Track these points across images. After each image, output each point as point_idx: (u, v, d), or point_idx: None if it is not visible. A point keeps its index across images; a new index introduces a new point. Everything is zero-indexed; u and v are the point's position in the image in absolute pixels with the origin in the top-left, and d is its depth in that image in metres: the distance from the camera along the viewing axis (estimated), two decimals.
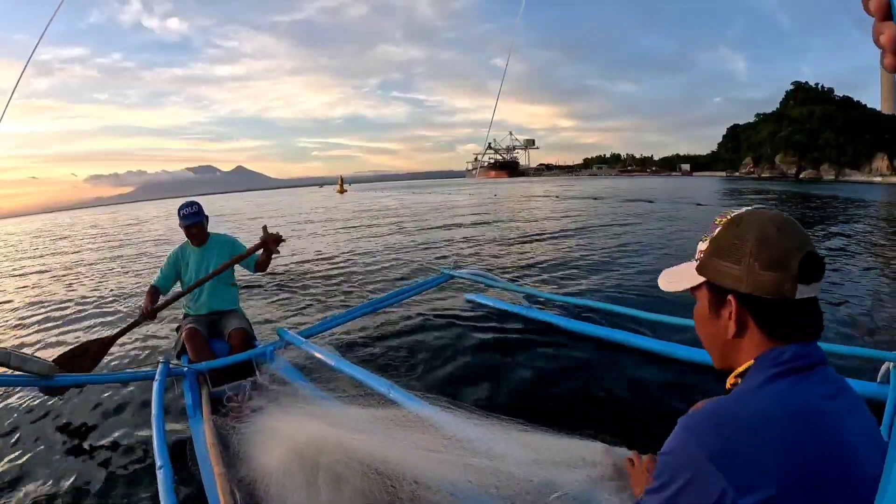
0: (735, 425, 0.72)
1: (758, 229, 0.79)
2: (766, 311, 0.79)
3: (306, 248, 11.59)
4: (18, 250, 18.05)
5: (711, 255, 0.85)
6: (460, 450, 1.54)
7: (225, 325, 3.38)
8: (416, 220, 17.25)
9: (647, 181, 59.32)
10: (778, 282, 0.77)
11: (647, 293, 5.42)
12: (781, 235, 0.78)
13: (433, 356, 3.82)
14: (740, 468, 0.68)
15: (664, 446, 0.79)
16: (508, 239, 11.03)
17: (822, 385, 0.76)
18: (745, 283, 0.79)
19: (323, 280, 7.45)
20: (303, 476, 1.76)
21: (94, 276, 9.51)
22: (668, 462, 0.77)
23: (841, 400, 0.76)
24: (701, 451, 0.71)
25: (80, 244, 17.88)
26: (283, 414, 2.23)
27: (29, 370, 2.79)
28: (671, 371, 3.27)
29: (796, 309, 0.78)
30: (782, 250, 0.77)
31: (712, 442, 0.71)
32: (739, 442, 0.70)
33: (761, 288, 0.78)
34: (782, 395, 0.74)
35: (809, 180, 60.73)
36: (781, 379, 0.76)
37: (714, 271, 0.84)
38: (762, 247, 0.78)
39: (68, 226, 34.53)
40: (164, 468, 2.04)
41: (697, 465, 0.71)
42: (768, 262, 0.77)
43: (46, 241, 21.50)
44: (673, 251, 8.50)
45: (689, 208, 17.61)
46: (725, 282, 0.82)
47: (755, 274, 0.78)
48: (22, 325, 6.13)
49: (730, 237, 0.83)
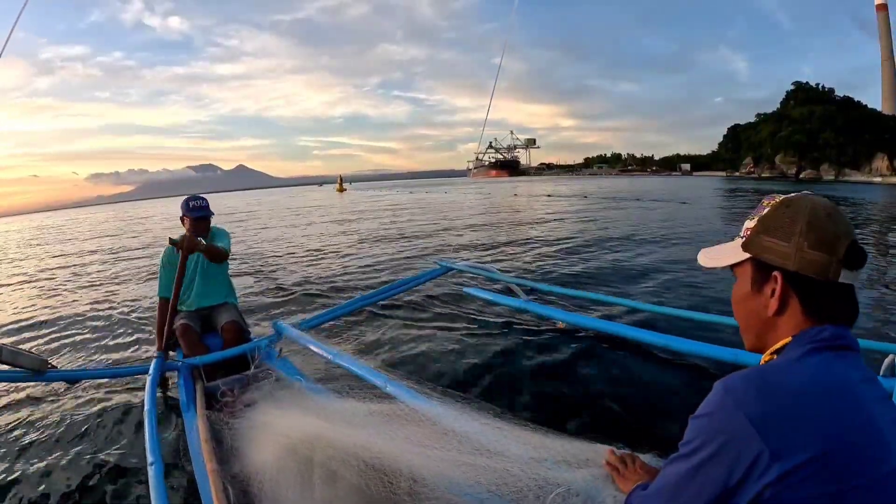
0: (776, 390, 0.73)
1: (809, 211, 0.81)
2: (809, 290, 0.81)
3: (303, 242, 11.60)
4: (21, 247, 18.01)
5: (759, 231, 0.86)
6: (458, 445, 1.51)
7: (218, 319, 3.34)
8: (413, 217, 17.33)
9: (646, 181, 59.65)
10: (825, 262, 0.79)
11: (632, 282, 5.42)
12: (830, 220, 0.80)
13: (430, 349, 3.81)
14: (778, 432, 0.69)
15: (699, 409, 0.79)
16: (502, 233, 11.08)
17: (856, 369, 0.78)
18: (793, 260, 0.81)
19: (320, 273, 7.46)
20: (297, 472, 1.73)
21: (94, 274, 9.46)
22: (702, 425, 0.77)
23: (873, 386, 0.77)
24: (741, 413, 0.71)
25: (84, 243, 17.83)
26: (278, 409, 2.20)
27: (21, 364, 2.75)
28: (673, 365, 3.27)
29: (838, 292, 0.81)
30: (831, 233, 0.79)
31: (752, 404, 0.72)
32: (780, 407, 0.71)
33: (808, 266, 0.80)
34: (822, 368, 0.76)
35: (809, 180, 60.91)
36: (821, 353, 0.78)
37: (761, 247, 0.86)
38: (812, 227, 0.80)
39: (81, 221, 34.45)
40: (156, 464, 2.00)
41: (735, 428, 0.71)
42: (817, 242, 0.79)
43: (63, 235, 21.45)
44: (639, 241, 9.11)
45: (672, 206, 18.07)
46: (772, 258, 0.84)
47: (803, 252, 0.80)
48: (16, 320, 6.10)
49: (780, 216, 0.84)
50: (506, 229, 12.18)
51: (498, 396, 2.96)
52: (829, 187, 36.47)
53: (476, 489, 1.30)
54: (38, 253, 14.99)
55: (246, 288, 6.48)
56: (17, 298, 7.54)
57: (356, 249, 9.77)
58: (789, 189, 4.56)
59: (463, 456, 1.44)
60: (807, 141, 71.80)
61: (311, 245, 10.98)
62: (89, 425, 2.96)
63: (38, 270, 10.74)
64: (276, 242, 12.08)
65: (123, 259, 11.24)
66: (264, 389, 2.58)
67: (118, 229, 22.14)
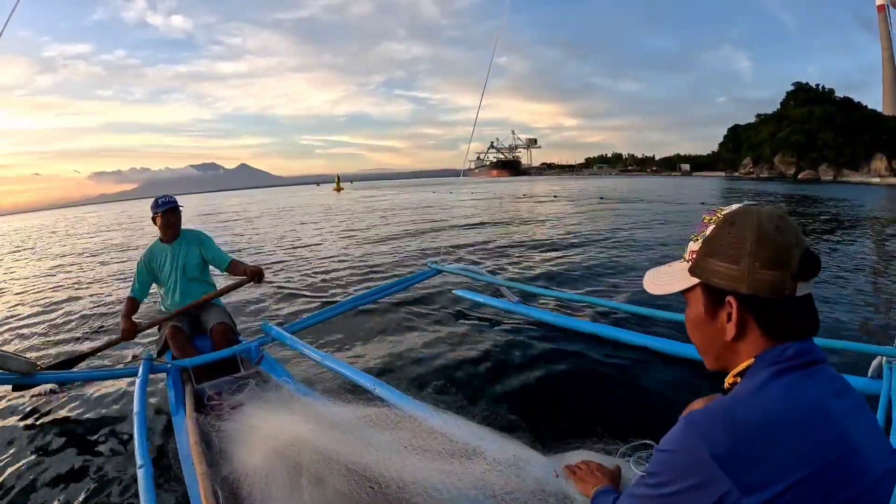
0: (742, 425, 0.71)
1: (755, 228, 0.78)
2: (767, 311, 0.79)
3: (294, 242, 11.61)
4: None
5: (706, 255, 0.84)
6: (445, 447, 1.56)
7: (206, 320, 3.36)
8: (407, 217, 17.36)
9: (645, 181, 60.18)
10: (780, 280, 0.77)
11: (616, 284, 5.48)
12: (780, 233, 0.78)
13: (419, 352, 3.86)
14: (747, 469, 0.69)
15: (663, 442, 0.78)
16: (496, 234, 11.13)
17: (825, 383, 0.77)
18: (746, 283, 0.78)
19: (309, 274, 7.48)
20: (286, 475, 1.78)
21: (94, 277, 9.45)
22: (668, 460, 0.76)
23: (844, 399, 0.76)
24: (706, 452, 0.70)
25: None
26: (267, 411, 2.24)
27: (10, 368, 2.78)
28: (661, 368, 3.32)
29: (796, 306, 0.79)
30: (782, 248, 0.77)
31: (718, 442, 0.71)
32: (746, 442, 0.70)
33: (763, 287, 0.77)
34: (789, 393, 0.74)
35: (807, 181, 61.25)
36: (785, 376, 0.76)
37: (710, 272, 0.83)
38: (762, 245, 0.77)
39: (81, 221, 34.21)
40: (145, 467, 2.01)
41: (701, 469, 0.71)
42: (769, 261, 0.77)
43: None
44: (621, 243, 9.22)
45: (657, 205, 18.89)
46: (723, 283, 0.81)
47: (756, 273, 0.77)
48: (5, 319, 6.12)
49: (726, 236, 0.81)
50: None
51: (485, 399, 3.01)
52: (827, 188, 36.65)
53: (460, 490, 1.36)
54: (36, 252, 14.93)
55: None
56: (7, 299, 7.52)
57: (346, 250, 9.79)
58: (785, 191, 4.64)
59: (449, 458, 1.49)
60: (805, 141, 72.30)
61: (300, 246, 10.98)
62: (78, 428, 2.99)
63: (33, 271, 10.72)
64: (265, 243, 12.10)
65: (116, 259, 11.22)
66: (253, 392, 2.62)
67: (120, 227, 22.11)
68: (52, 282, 8.59)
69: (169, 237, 3.42)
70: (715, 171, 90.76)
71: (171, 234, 3.42)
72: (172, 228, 3.41)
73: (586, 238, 10.17)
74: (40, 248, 16.28)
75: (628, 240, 9.81)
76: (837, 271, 6.47)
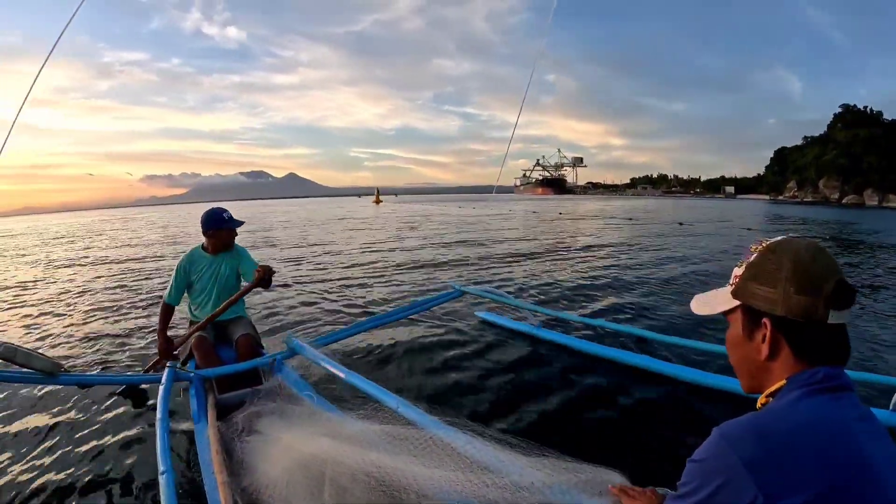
0: (771, 435, 0.77)
1: (793, 256, 0.86)
2: (799, 334, 0.86)
3: (320, 255, 11.79)
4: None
5: (747, 279, 0.92)
6: (467, 468, 1.58)
7: (232, 332, 3.45)
8: (442, 233, 17.64)
9: (686, 203, 60.16)
10: (811, 305, 0.83)
11: (654, 314, 5.43)
12: (815, 262, 0.85)
13: (441, 373, 3.91)
14: (773, 477, 0.74)
15: (695, 453, 0.84)
16: (520, 253, 11.13)
17: (850, 408, 0.82)
18: (781, 305, 0.86)
19: (335, 289, 7.60)
20: (307, 488, 1.81)
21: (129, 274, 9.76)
22: (698, 468, 0.82)
23: (868, 424, 0.81)
24: (736, 458, 0.76)
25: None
26: (289, 424, 2.29)
27: (34, 367, 2.88)
28: (686, 397, 3.32)
29: (827, 333, 0.85)
30: (816, 276, 0.84)
31: (748, 449, 0.76)
32: (775, 451, 0.75)
33: (795, 311, 0.84)
34: (817, 411, 0.81)
35: (852, 206, 59.82)
36: (815, 396, 0.82)
37: (750, 294, 0.91)
38: (797, 271, 0.85)
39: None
40: (167, 474, 2.06)
41: (731, 472, 0.76)
42: (803, 286, 0.84)
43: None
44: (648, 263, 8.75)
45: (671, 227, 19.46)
46: (761, 304, 0.89)
47: (790, 297, 0.85)
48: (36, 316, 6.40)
49: (766, 263, 0.89)
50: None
51: (507, 421, 3.05)
52: (869, 213, 35.68)
53: None
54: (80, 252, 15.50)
55: (259, 301, 6.64)
56: (41, 297, 7.84)
57: (373, 264, 9.92)
58: (823, 217, 4.59)
59: (471, 478, 1.51)
60: (850, 165, 70.78)
61: (329, 259, 11.20)
62: (100, 430, 3.09)
63: (67, 269, 11.15)
64: (292, 255, 12.33)
65: (151, 262, 11.62)
66: (275, 404, 2.67)
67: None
68: (90, 280, 8.88)
69: (218, 250, 3.48)
70: (759, 193, 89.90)
71: (224, 248, 3.48)
72: (226, 246, 3.47)
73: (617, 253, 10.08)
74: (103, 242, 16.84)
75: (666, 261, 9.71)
76: (866, 302, 6.42)
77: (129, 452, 2.83)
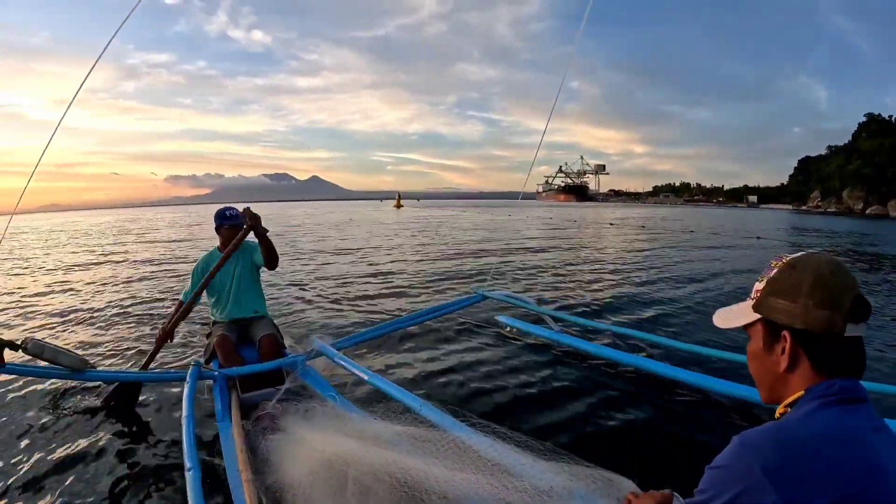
0: (790, 444, 0.80)
1: (814, 271, 0.90)
2: (817, 347, 0.89)
3: (342, 258, 11.93)
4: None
5: (768, 294, 0.95)
6: (488, 470, 1.61)
7: (254, 331, 3.52)
8: (464, 239, 17.88)
9: (707, 212, 59.65)
10: (830, 319, 0.86)
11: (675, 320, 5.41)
12: (835, 277, 0.88)
13: (463, 376, 3.95)
14: (792, 484, 0.77)
15: (715, 460, 0.87)
16: (543, 260, 11.12)
17: (866, 419, 0.85)
18: (800, 319, 0.89)
19: (358, 291, 7.70)
20: (330, 487, 1.85)
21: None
22: (718, 475, 0.85)
23: (884, 435, 0.84)
24: (756, 465, 0.79)
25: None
26: (312, 424, 2.33)
27: (61, 363, 2.96)
28: (705, 405, 3.32)
29: (845, 346, 0.88)
30: (835, 291, 0.87)
31: (768, 457, 0.79)
32: (793, 459, 0.78)
33: (814, 324, 0.88)
34: (834, 421, 0.84)
35: (875, 216, 58.58)
36: (831, 408, 0.85)
37: (770, 308, 0.94)
38: (817, 286, 0.88)
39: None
40: (193, 470, 2.12)
41: (750, 479, 0.79)
42: (822, 301, 0.87)
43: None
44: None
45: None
46: (781, 318, 0.92)
47: (809, 311, 0.88)
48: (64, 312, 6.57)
49: (787, 278, 0.93)
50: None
51: (527, 424, 3.08)
52: (892, 225, 34.95)
53: None
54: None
55: (282, 302, 6.75)
56: (72, 291, 8.08)
57: (397, 270, 10.00)
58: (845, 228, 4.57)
59: (493, 480, 1.54)
60: (875, 175, 69.53)
61: (351, 261, 11.37)
62: (126, 427, 3.16)
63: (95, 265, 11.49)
64: (314, 256, 12.48)
65: (176, 262, 11.86)
66: (299, 404, 2.72)
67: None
68: (119, 279, 9.06)
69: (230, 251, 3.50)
70: (782, 203, 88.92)
71: (232, 248, 3.47)
72: (233, 244, 3.48)
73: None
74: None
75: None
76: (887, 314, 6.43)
77: (155, 449, 2.89)
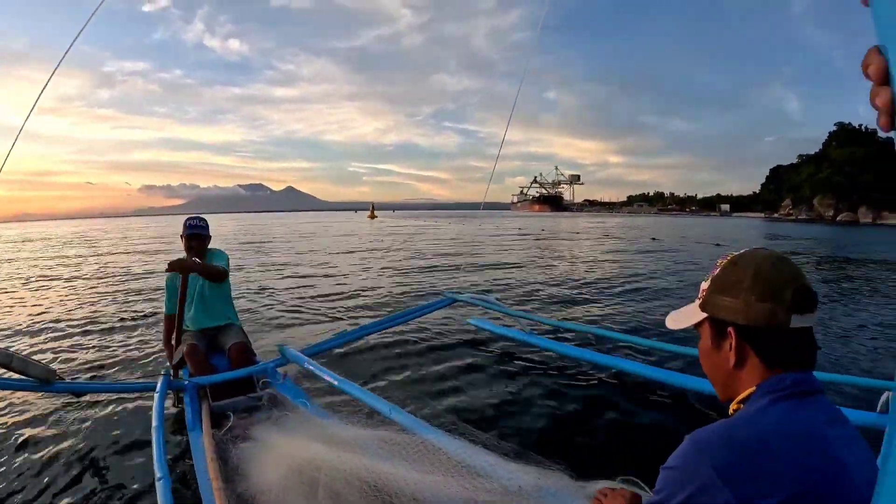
0: (742, 441, 0.80)
1: (754, 266, 0.91)
2: (762, 341, 0.90)
3: (313, 267, 11.85)
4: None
5: (712, 291, 0.96)
6: (458, 472, 1.64)
7: (224, 339, 3.49)
8: (432, 246, 17.98)
9: (679, 221, 61.46)
10: (772, 312, 0.87)
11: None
12: (775, 270, 0.89)
13: (434, 379, 3.99)
14: (746, 481, 0.76)
15: (668, 460, 0.87)
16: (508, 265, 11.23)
17: (820, 412, 0.85)
18: (743, 314, 0.90)
19: (327, 298, 7.69)
20: (301, 493, 1.86)
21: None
22: (671, 475, 0.85)
23: (839, 428, 0.84)
24: (708, 464, 0.78)
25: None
26: (283, 431, 2.34)
27: (30, 374, 2.90)
28: (674, 401, 3.42)
29: (792, 338, 0.88)
30: (776, 283, 0.88)
31: (719, 456, 0.79)
32: (746, 457, 0.78)
33: (756, 318, 0.88)
34: (786, 416, 0.83)
35: (846, 223, 60.26)
36: (783, 402, 0.85)
37: (714, 306, 0.95)
38: (757, 280, 0.89)
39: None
40: (163, 480, 2.09)
41: (703, 478, 0.78)
42: (763, 294, 0.88)
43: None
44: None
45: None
46: (725, 315, 0.93)
47: (751, 305, 0.89)
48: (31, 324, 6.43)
49: (729, 274, 0.94)
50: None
51: (497, 426, 3.13)
52: (866, 231, 35.96)
53: None
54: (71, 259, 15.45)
55: (251, 310, 6.69)
56: (36, 302, 7.89)
57: (367, 277, 10.01)
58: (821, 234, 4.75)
59: (462, 482, 1.57)
60: (846, 183, 71.59)
61: (321, 270, 11.29)
62: (96, 438, 3.11)
63: (64, 277, 11.20)
64: (285, 266, 12.42)
65: (141, 274, 11.62)
66: (269, 411, 2.72)
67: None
68: (85, 289, 8.88)
69: (192, 257, 3.52)
70: (755, 211, 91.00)
71: (194, 255, 3.51)
72: (194, 252, 3.52)
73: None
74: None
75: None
76: (848, 307, 6.75)
77: (125, 459, 2.85)
